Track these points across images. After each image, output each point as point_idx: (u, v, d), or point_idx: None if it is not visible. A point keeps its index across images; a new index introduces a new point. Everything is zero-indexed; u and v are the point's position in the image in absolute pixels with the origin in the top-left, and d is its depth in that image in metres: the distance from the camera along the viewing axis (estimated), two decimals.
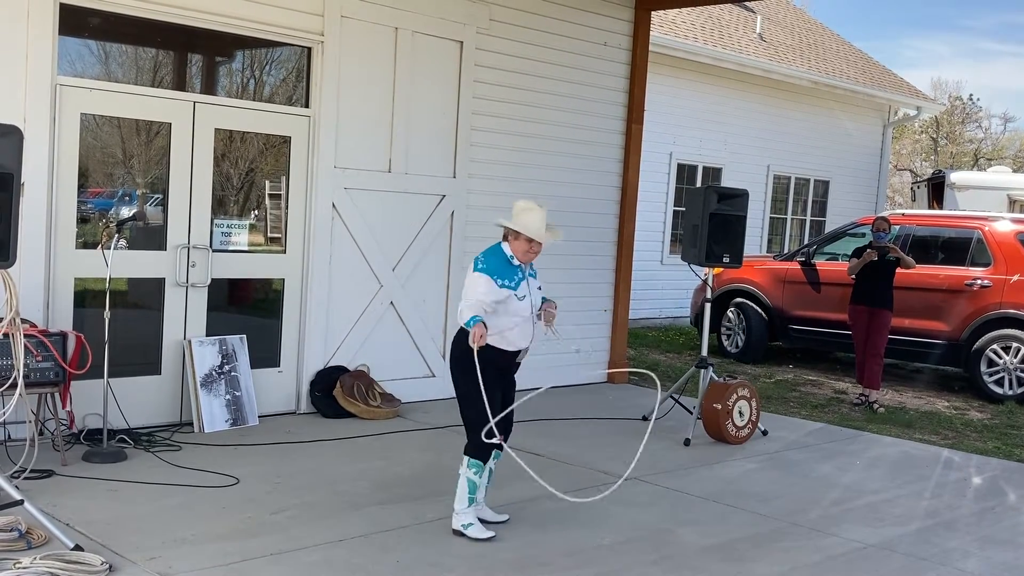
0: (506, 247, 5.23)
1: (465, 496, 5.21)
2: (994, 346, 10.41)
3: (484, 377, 4.99)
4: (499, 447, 5.22)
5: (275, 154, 7.91)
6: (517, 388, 5.43)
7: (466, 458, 5.22)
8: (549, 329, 5.31)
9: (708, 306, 8.38)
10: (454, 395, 5.60)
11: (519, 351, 5.26)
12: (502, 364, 5.20)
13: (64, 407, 6.22)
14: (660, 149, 15.16)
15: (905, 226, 11.46)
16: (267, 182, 7.99)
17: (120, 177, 7.31)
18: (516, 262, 5.20)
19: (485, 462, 5.22)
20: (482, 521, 5.29)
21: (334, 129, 7.84)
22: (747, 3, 18.66)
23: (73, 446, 6.37)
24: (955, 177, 17.64)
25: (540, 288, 5.37)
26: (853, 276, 9.84)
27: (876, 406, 9.72)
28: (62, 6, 6.53)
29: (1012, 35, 61.50)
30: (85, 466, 6.06)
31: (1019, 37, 59.99)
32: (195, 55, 7.60)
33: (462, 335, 5.13)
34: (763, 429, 8.11)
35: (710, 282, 8.52)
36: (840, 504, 6.30)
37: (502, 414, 5.15)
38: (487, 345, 5.02)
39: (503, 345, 5.15)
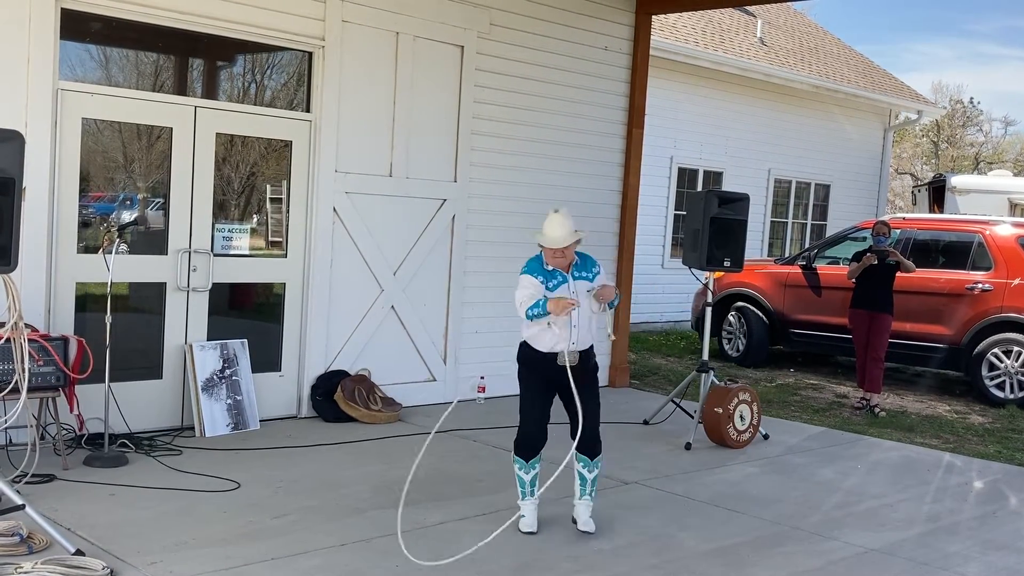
0: (539, 255, 5.48)
1: (518, 489, 5.50)
2: (995, 350, 10.41)
3: (531, 382, 5.41)
4: (586, 454, 5.52)
5: (276, 158, 7.92)
6: None
7: (512, 454, 5.51)
8: (600, 305, 5.45)
9: (709, 310, 8.39)
10: (456, 400, 5.69)
11: (558, 354, 5.33)
12: (545, 371, 5.38)
13: (72, 411, 6.24)
14: (661, 153, 15.17)
15: (906, 230, 11.46)
16: (268, 186, 8.00)
17: (121, 181, 7.32)
18: (550, 267, 5.42)
19: (525, 460, 5.44)
20: (574, 521, 5.57)
21: (335, 133, 7.85)
22: (748, 7, 18.67)
23: (74, 450, 6.37)
24: (956, 181, 17.64)
25: (592, 291, 5.46)
26: (853, 280, 9.85)
27: (877, 410, 9.72)
28: (63, 11, 6.54)
29: (1014, 39, 61.50)
30: (86, 470, 6.06)
31: (1021, 41, 60.01)
32: (196, 60, 7.61)
33: (523, 343, 5.47)
34: (764, 433, 8.11)
35: (711, 286, 8.52)
36: (841, 508, 6.30)
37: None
38: (530, 349, 5.39)
39: (539, 346, 5.38)
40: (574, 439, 5.54)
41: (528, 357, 5.44)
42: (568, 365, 5.25)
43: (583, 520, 5.55)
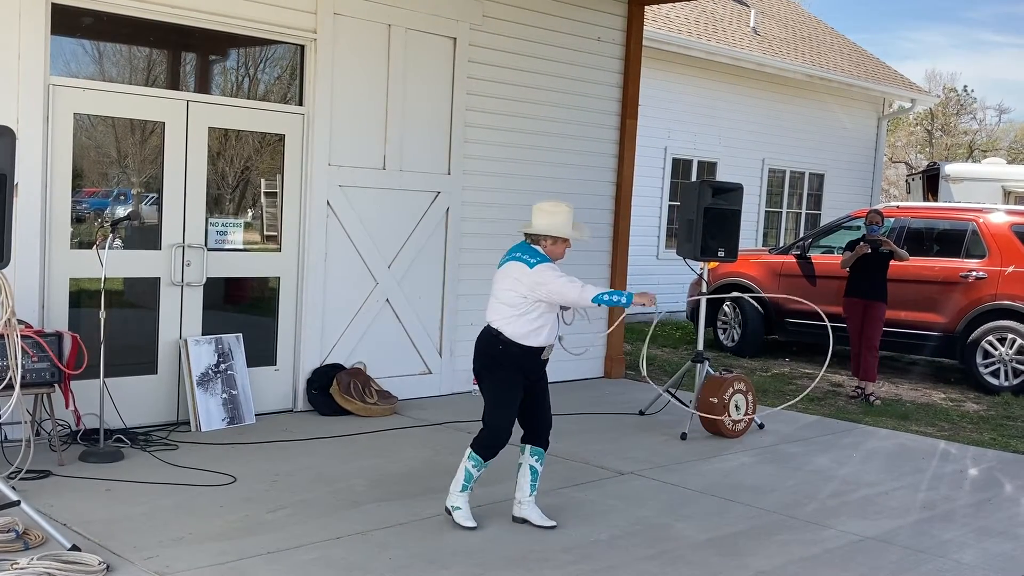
0: (536, 248, 5.25)
1: (460, 482, 5.31)
2: (990, 337, 10.43)
3: (506, 376, 5.19)
4: (541, 445, 5.38)
5: (270, 152, 7.91)
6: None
7: (470, 449, 5.29)
8: (568, 320, 5.47)
9: (704, 300, 8.39)
10: (451, 392, 5.56)
11: (544, 348, 5.27)
12: (526, 364, 5.23)
13: (68, 407, 6.22)
14: (655, 144, 15.17)
15: (900, 218, 11.47)
16: (262, 180, 7.99)
17: (115, 177, 7.31)
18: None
19: (486, 460, 5.28)
20: (524, 521, 5.39)
21: (328, 126, 7.83)
22: None
23: (70, 446, 6.36)
24: (950, 169, 17.64)
25: None
26: (846, 269, 9.87)
27: (872, 398, 9.74)
28: (54, 6, 6.51)
29: (1010, 26, 61.54)
30: (82, 466, 6.06)
31: (1017, 28, 60.03)
32: (188, 54, 7.59)
33: (489, 334, 5.23)
34: (759, 423, 8.12)
35: (706, 276, 8.53)
36: (837, 497, 6.31)
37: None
38: (515, 344, 5.16)
39: (533, 342, 5.19)
40: (535, 434, 5.37)
41: (518, 356, 5.19)
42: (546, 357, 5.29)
43: (539, 516, 5.37)
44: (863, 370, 9.84)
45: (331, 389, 7.79)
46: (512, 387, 5.22)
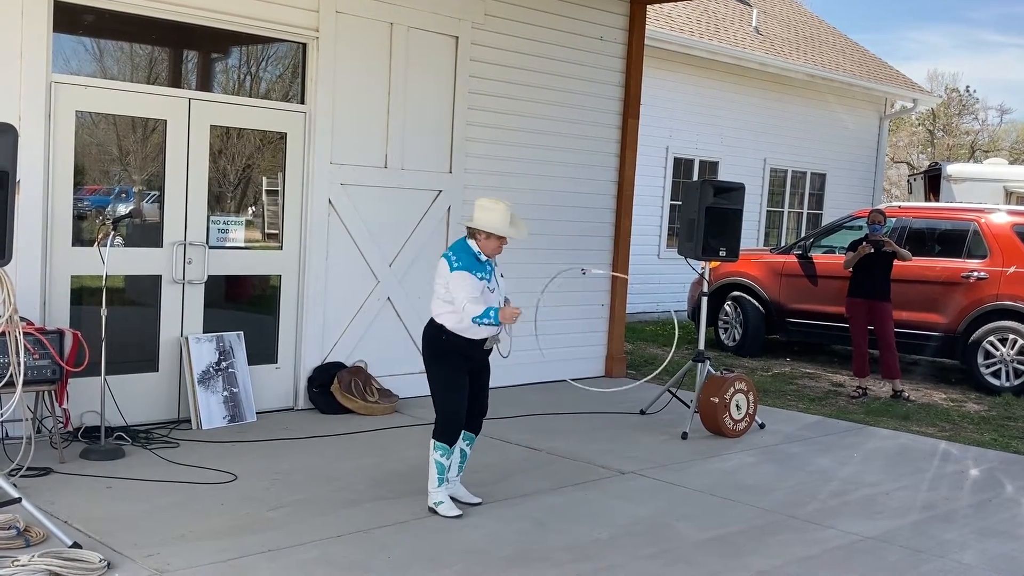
0: (472, 244, 5.44)
1: (435, 477, 5.46)
2: (991, 338, 10.43)
3: (452, 364, 5.40)
4: (473, 431, 5.62)
5: (271, 150, 7.91)
6: (507, 384, 5.53)
7: (433, 441, 5.46)
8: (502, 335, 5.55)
9: (705, 300, 8.39)
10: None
11: (486, 339, 5.46)
12: (470, 352, 5.45)
13: (60, 405, 6.22)
14: (656, 143, 15.16)
15: (902, 218, 11.47)
16: (264, 178, 7.99)
17: (116, 174, 7.31)
18: (483, 257, 5.43)
19: (451, 445, 5.45)
20: (454, 500, 5.56)
21: (330, 125, 7.83)
22: None
23: (71, 444, 6.37)
24: (951, 169, 17.62)
25: (503, 276, 5.61)
26: (849, 269, 9.87)
27: (904, 394, 9.86)
28: (56, 3, 6.51)
29: (1013, 26, 61.49)
30: (83, 464, 6.06)
31: (1020, 28, 59.99)
32: (190, 52, 7.59)
33: (433, 328, 5.47)
34: (760, 422, 8.12)
35: (707, 276, 8.53)
36: (837, 497, 6.31)
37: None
38: (459, 336, 5.39)
39: (475, 334, 5.41)
40: (469, 420, 5.57)
41: (460, 345, 5.41)
42: (496, 346, 5.47)
43: (465, 493, 5.66)
44: (886, 369, 9.91)
45: (332, 387, 7.79)
46: (458, 372, 5.44)
